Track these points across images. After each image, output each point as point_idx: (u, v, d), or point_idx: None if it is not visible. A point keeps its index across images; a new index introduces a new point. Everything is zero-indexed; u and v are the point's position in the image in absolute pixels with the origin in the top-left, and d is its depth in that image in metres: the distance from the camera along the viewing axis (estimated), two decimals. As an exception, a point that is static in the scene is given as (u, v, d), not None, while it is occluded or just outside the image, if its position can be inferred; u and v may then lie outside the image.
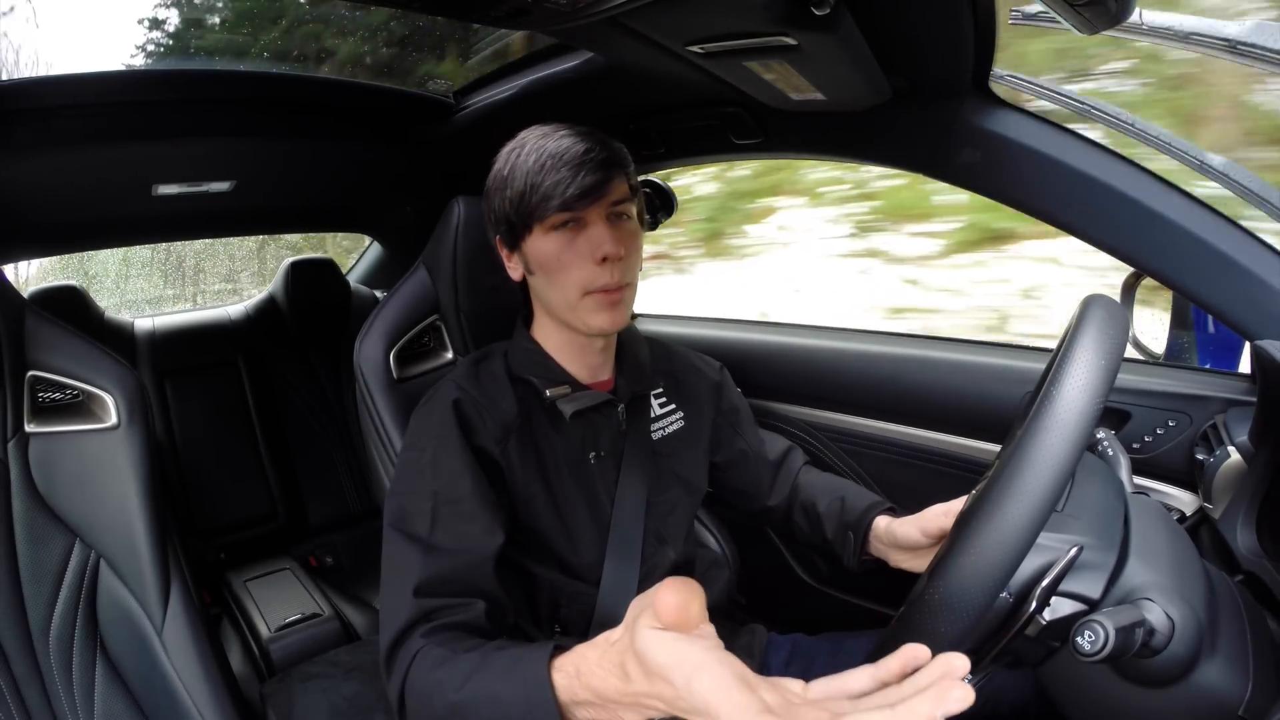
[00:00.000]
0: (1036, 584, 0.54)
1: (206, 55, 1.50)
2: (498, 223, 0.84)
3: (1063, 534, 0.57)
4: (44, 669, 0.89)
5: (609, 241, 0.78)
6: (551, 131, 0.80)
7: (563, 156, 0.76)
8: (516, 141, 0.83)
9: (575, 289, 0.80)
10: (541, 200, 0.77)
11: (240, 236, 2.94)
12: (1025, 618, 0.54)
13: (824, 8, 0.58)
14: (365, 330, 1.02)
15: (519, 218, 0.80)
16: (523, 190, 0.78)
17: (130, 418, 0.92)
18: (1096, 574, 0.57)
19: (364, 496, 2.04)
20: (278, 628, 1.51)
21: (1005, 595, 0.54)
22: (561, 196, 0.76)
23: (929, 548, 0.82)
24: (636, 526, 0.85)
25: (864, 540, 0.91)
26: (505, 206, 0.81)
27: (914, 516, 0.84)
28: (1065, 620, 0.56)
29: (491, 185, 0.84)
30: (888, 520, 0.89)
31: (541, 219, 0.78)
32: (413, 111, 1.42)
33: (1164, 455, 0.94)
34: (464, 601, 0.72)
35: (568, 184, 0.75)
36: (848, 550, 0.93)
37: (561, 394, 0.84)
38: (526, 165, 0.78)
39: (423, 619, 0.69)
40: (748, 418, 1.06)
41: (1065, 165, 0.84)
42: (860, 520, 0.92)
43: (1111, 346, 0.50)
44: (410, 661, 0.66)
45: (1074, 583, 0.56)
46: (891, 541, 0.87)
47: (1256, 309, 0.78)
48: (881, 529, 0.89)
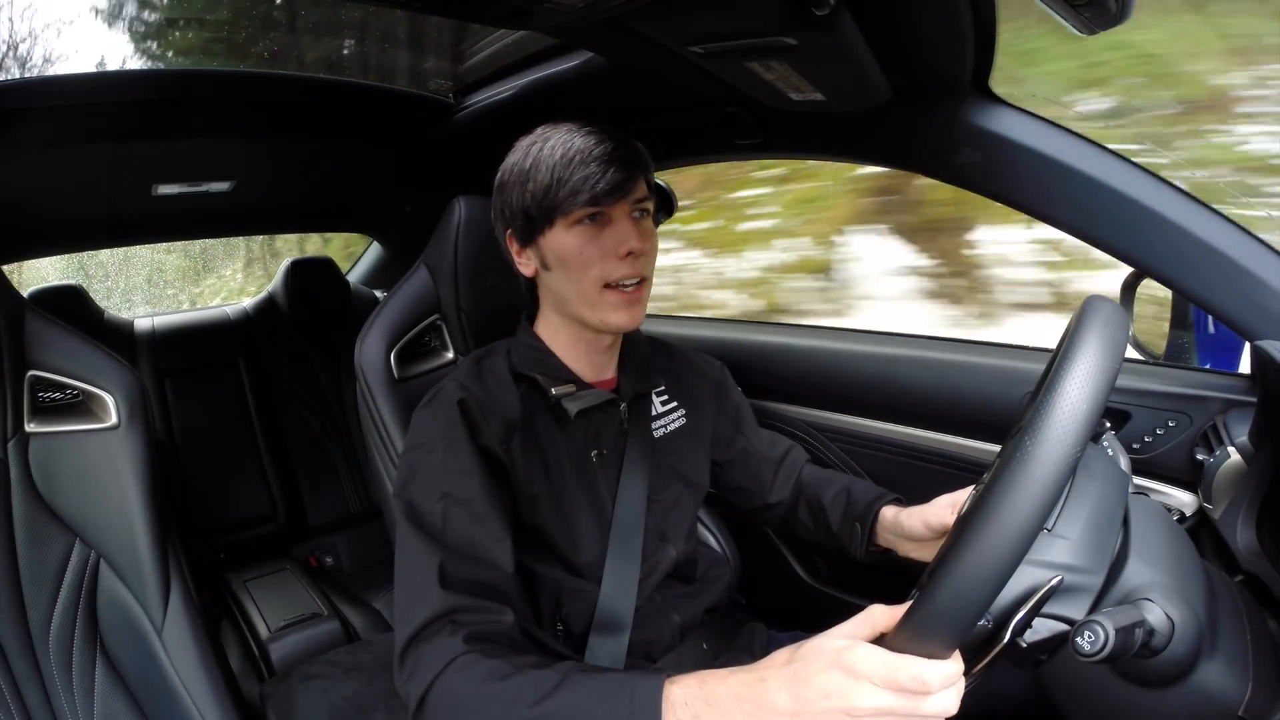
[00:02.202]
0: (1014, 612, 0.53)
1: (205, 55, 1.50)
2: (513, 217, 0.83)
3: (1048, 557, 0.56)
4: (44, 669, 0.89)
5: (634, 236, 0.79)
6: (576, 128, 0.80)
7: (591, 152, 0.77)
8: (536, 135, 0.82)
9: (595, 283, 0.80)
10: (570, 194, 0.77)
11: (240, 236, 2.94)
12: (1004, 643, 0.54)
13: (824, 8, 0.58)
14: (366, 330, 1.02)
15: (540, 211, 0.79)
16: (548, 184, 0.78)
17: (130, 417, 0.92)
18: (1082, 596, 0.56)
19: (364, 497, 2.04)
20: (277, 628, 1.51)
21: (985, 621, 0.54)
22: (591, 191, 0.76)
23: (934, 540, 0.82)
24: (637, 524, 0.85)
25: (871, 531, 0.92)
26: (525, 200, 0.80)
27: (920, 508, 0.85)
28: (1048, 640, 0.56)
29: (509, 178, 0.83)
30: (894, 511, 0.89)
31: (567, 213, 0.78)
32: (413, 111, 1.42)
33: (1164, 455, 0.94)
34: (493, 607, 0.71)
35: (597, 179, 0.76)
36: (855, 541, 0.93)
37: (567, 392, 0.84)
38: (553, 159, 0.78)
39: (449, 618, 0.68)
40: (749, 416, 1.06)
41: (1065, 165, 0.85)
42: (867, 511, 0.92)
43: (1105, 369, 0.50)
44: (445, 665, 0.64)
45: (1058, 605, 0.55)
46: (898, 532, 0.87)
47: (1256, 309, 0.78)
48: (889, 519, 0.89)
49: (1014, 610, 0.53)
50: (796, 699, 0.51)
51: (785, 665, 0.54)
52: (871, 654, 0.50)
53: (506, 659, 0.65)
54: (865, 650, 0.51)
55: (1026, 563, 0.51)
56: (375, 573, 1.90)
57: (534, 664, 0.64)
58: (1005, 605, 0.54)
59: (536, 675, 0.62)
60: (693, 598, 0.93)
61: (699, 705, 0.55)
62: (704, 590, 0.95)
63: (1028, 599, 0.53)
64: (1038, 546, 0.53)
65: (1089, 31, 0.67)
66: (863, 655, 0.50)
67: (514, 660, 0.65)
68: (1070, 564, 0.56)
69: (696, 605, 0.92)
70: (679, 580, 0.93)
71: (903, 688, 0.48)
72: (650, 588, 0.87)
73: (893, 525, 0.88)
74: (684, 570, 0.93)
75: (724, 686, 0.55)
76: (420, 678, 0.65)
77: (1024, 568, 0.51)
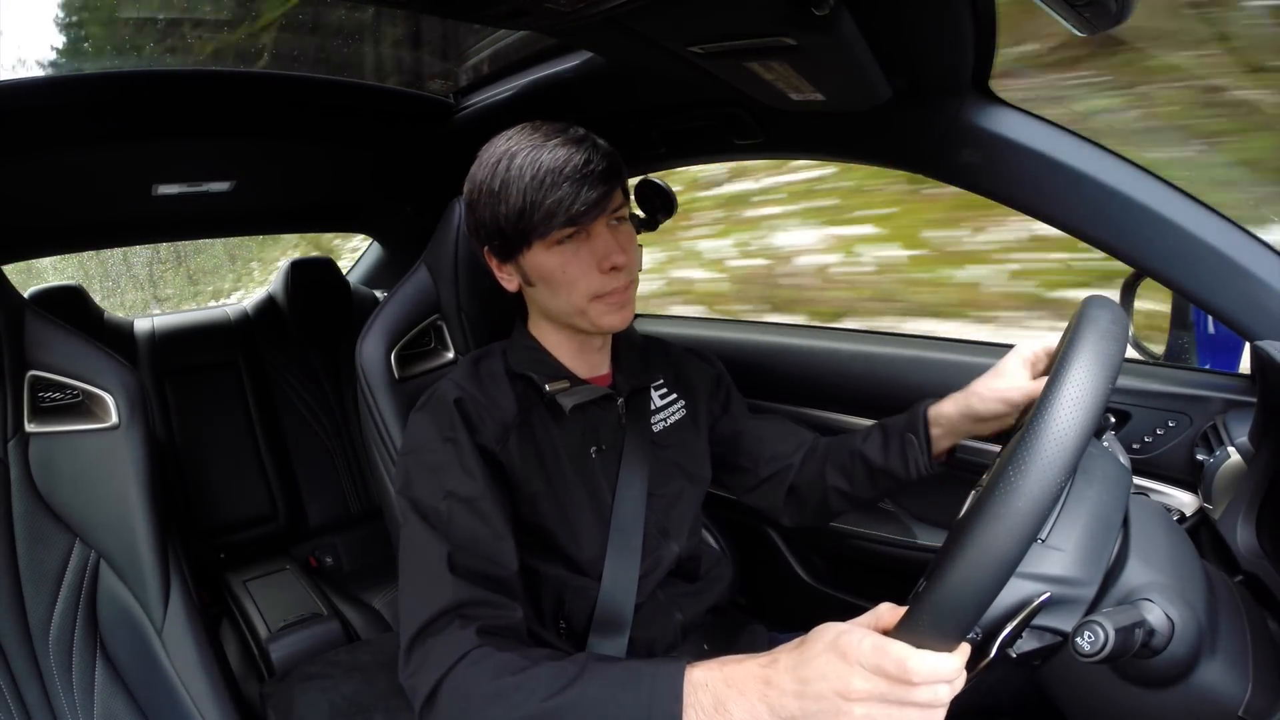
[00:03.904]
0: (1004, 624, 0.54)
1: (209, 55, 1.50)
2: (489, 236, 0.81)
3: (1041, 569, 0.55)
4: (44, 668, 0.89)
5: (615, 249, 0.78)
6: (541, 140, 0.76)
7: (562, 171, 0.73)
8: (501, 150, 0.77)
9: (583, 297, 0.79)
10: (545, 218, 0.74)
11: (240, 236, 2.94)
12: (992, 656, 0.54)
13: (824, 8, 0.58)
14: (366, 330, 1.02)
15: (516, 234, 0.77)
16: (521, 207, 0.74)
17: (130, 418, 0.92)
18: (1073, 609, 0.56)
19: (364, 497, 2.04)
20: (277, 628, 1.51)
21: (974, 634, 0.54)
22: (566, 213, 0.73)
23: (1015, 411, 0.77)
24: (638, 520, 0.85)
25: (928, 438, 0.85)
26: (498, 221, 0.77)
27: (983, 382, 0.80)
28: (1039, 650, 0.56)
29: (478, 196, 0.79)
30: (949, 402, 0.83)
31: (544, 235, 0.76)
32: (413, 111, 1.42)
33: (1164, 455, 0.94)
34: (503, 601, 0.71)
35: (572, 200, 0.73)
36: (913, 457, 0.85)
37: (560, 388, 0.84)
38: (522, 181, 0.74)
39: (459, 612, 0.68)
40: (740, 401, 1.05)
41: (1065, 165, 0.84)
42: (914, 420, 0.86)
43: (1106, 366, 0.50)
44: (458, 659, 0.64)
45: (1047, 618, 0.55)
46: (970, 415, 0.81)
47: (1256, 309, 0.78)
48: (947, 414, 0.83)
49: (1002, 624, 0.54)
50: (798, 680, 0.53)
51: (794, 649, 0.56)
52: (864, 639, 0.51)
53: (521, 653, 0.65)
54: (859, 635, 0.52)
55: (1018, 576, 0.51)
56: (375, 573, 1.90)
57: (550, 656, 0.65)
58: (994, 618, 0.54)
59: (554, 667, 0.62)
60: (696, 596, 0.93)
61: (719, 685, 0.57)
62: (707, 589, 0.95)
63: (1016, 613, 0.54)
64: (1030, 559, 0.53)
65: (1090, 31, 0.67)
66: (855, 640, 0.52)
67: (529, 654, 0.65)
68: (1062, 576, 0.56)
69: (699, 604, 0.92)
70: (682, 578, 0.93)
71: (888, 674, 0.50)
72: (652, 584, 0.87)
73: (956, 416, 0.82)
74: (687, 568, 0.93)
75: (741, 668, 0.57)
76: (430, 672, 0.65)
77: (1014, 581, 0.51)
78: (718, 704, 0.56)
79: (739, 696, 0.55)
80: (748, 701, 0.55)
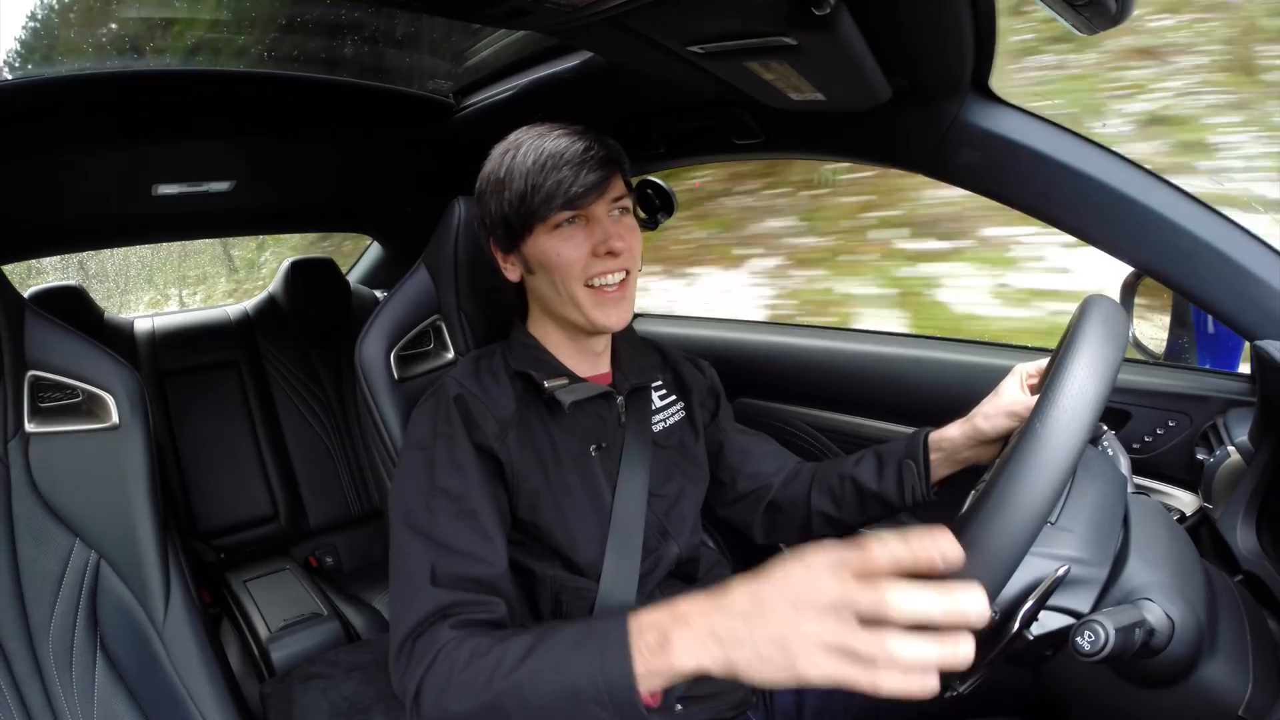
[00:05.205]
0: (1022, 603, 0.54)
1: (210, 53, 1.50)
2: (493, 225, 0.84)
3: (1053, 549, 0.56)
4: (44, 669, 0.89)
5: (613, 235, 0.79)
6: (546, 131, 0.80)
7: (563, 155, 0.77)
8: (509, 143, 0.83)
9: (579, 283, 0.81)
10: (545, 200, 0.77)
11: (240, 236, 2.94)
12: (1010, 635, 0.54)
13: (824, 8, 0.58)
14: (366, 330, 1.02)
15: (519, 218, 0.80)
16: (523, 191, 0.78)
17: (131, 418, 0.92)
18: (1087, 589, 0.56)
19: (364, 497, 2.04)
20: (277, 628, 1.51)
21: (993, 613, 0.54)
22: (565, 195, 0.77)
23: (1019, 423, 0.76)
24: (638, 520, 0.85)
25: (927, 464, 0.86)
26: (503, 208, 0.81)
27: (987, 405, 0.81)
28: (1054, 634, 0.56)
29: (485, 188, 0.84)
30: (951, 429, 0.84)
31: (544, 218, 0.79)
32: (413, 111, 1.42)
33: (1164, 455, 0.94)
34: (485, 600, 0.72)
35: (570, 182, 0.76)
36: (910, 483, 0.86)
37: (559, 385, 0.84)
38: (525, 166, 0.78)
39: (442, 614, 0.69)
40: (728, 412, 1.05)
41: (1065, 165, 0.84)
42: (914, 445, 0.87)
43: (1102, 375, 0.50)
44: (435, 654, 0.66)
45: (1063, 598, 0.56)
46: (974, 440, 0.82)
47: (1256, 309, 0.78)
48: (950, 438, 0.84)
49: (1021, 600, 0.54)
50: (753, 597, 0.52)
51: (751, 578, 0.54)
52: (827, 550, 0.50)
53: (489, 635, 0.66)
54: (823, 548, 0.51)
55: (1033, 554, 0.52)
56: (375, 573, 1.90)
57: (514, 633, 0.65)
58: (1013, 596, 0.54)
59: (515, 641, 0.63)
60: None
61: (666, 623, 0.56)
62: None
63: (1035, 588, 0.54)
64: (1043, 539, 0.54)
65: (1090, 31, 0.67)
66: (819, 551, 0.51)
67: (496, 634, 0.66)
68: (1075, 556, 0.56)
69: None
70: (681, 579, 0.93)
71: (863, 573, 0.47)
72: (652, 585, 0.87)
73: (959, 440, 0.83)
74: (686, 568, 0.93)
75: (693, 601, 0.56)
76: (415, 670, 0.67)
77: (1031, 559, 0.52)
78: (662, 640, 0.55)
79: (684, 629, 0.54)
80: (692, 632, 0.54)
